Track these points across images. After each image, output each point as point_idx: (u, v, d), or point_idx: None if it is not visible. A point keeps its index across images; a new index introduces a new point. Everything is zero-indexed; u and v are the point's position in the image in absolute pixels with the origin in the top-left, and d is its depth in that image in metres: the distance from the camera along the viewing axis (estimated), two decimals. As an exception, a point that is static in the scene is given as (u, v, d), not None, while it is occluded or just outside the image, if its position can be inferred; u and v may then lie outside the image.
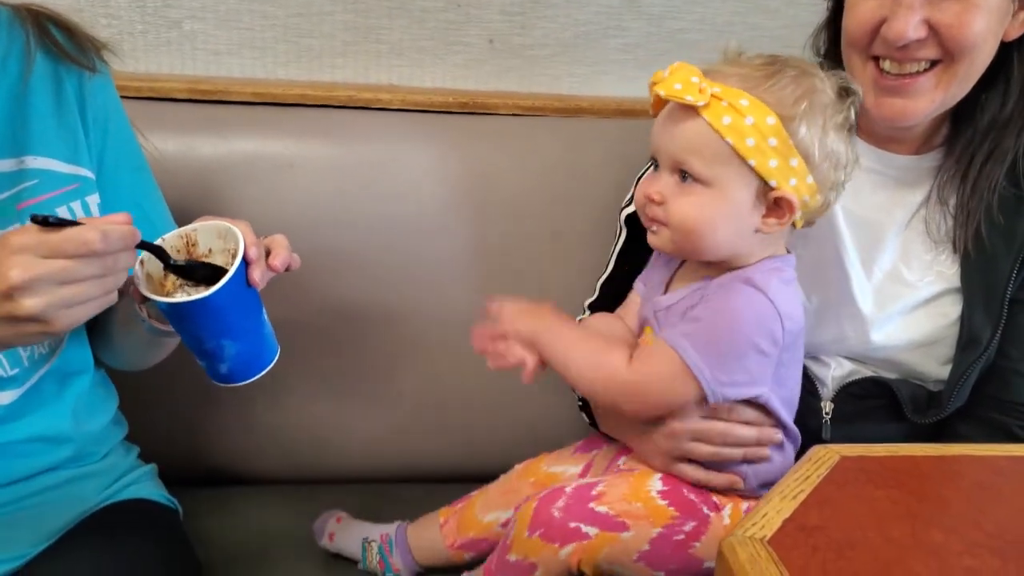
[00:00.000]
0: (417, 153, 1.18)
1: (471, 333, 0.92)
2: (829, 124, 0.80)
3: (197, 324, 0.73)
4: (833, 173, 0.82)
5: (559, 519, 0.83)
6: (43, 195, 0.82)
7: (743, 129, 0.78)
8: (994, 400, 0.93)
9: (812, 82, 0.80)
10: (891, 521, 0.53)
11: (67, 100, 0.85)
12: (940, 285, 0.94)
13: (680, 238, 0.83)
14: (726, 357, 0.81)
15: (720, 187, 0.80)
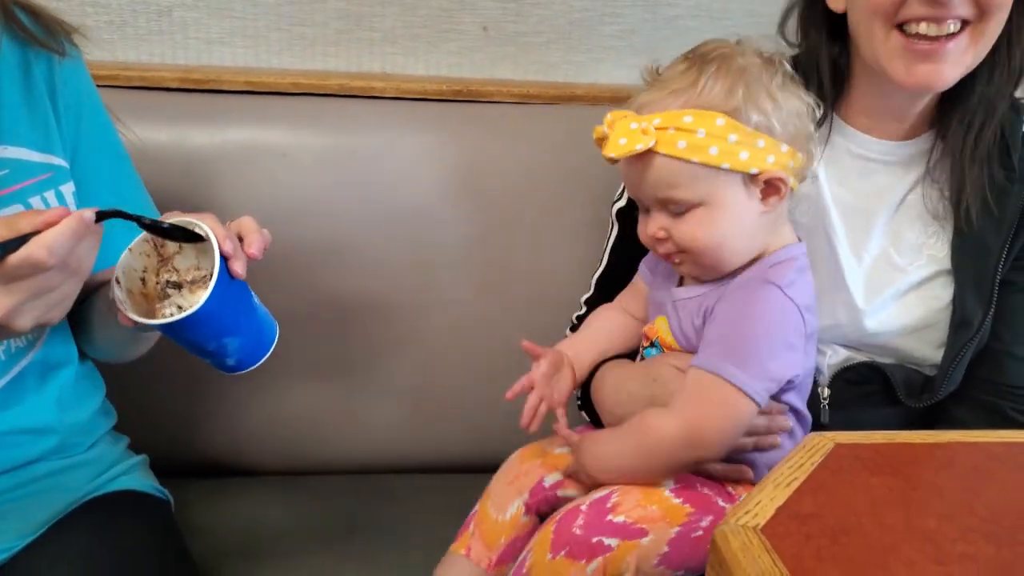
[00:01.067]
0: (411, 142, 1.17)
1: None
2: (773, 91, 0.81)
3: (194, 333, 0.72)
4: (801, 127, 0.82)
5: (582, 536, 0.82)
6: (14, 185, 0.80)
7: (700, 143, 0.78)
8: (988, 383, 0.93)
9: (735, 64, 0.80)
10: (885, 508, 0.53)
11: (37, 87, 0.83)
12: (931, 268, 0.94)
13: (702, 259, 0.84)
14: (764, 361, 0.80)
15: (712, 200, 0.81)
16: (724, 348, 0.80)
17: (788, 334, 0.81)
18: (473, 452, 1.21)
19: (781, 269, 0.83)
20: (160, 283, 0.75)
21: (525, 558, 0.85)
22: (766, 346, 0.81)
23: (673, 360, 0.88)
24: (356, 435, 1.23)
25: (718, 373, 0.79)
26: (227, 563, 1.02)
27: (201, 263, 0.75)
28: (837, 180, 0.95)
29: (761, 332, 0.81)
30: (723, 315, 0.82)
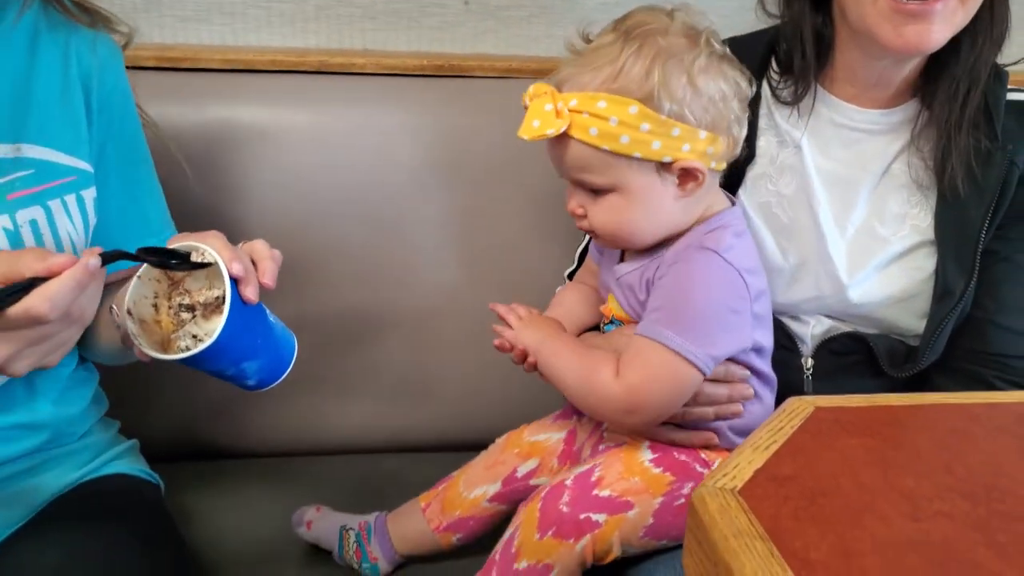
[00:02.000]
0: (392, 118, 1.17)
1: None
2: (693, 73, 0.78)
3: (213, 363, 0.71)
4: (724, 112, 0.81)
5: (569, 513, 0.83)
6: (37, 187, 0.79)
7: (612, 131, 0.77)
8: (971, 352, 0.93)
9: (656, 43, 0.78)
10: (864, 468, 0.53)
11: (73, 87, 0.82)
12: (914, 238, 0.94)
13: (613, 241, 0.86)
14: (706, 327, 0.80)
15: (624, 187, 0.81)
16: (666, 315, 0.80)
17: (730, 299, 0.81)
18: (460, 430, 1.21)
19: (717, 235, 0.83)
20: (173, 307, 0.72)
21: (512, 536, 0.85)
22: (709, 312, 0.81)
23: (630, 331, 0.88)
24: (345, 417, 1.23)
25: (660, 341, 0.79)
26: (217, 546, 1.02)
27: (213, 284, 0.72)
28: (820, 151, 0.95)
29: (702, 298, 0.81)
30: (664, 284, 0.82)
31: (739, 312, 0.82)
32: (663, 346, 0.79)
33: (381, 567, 0.99)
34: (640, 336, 0.81)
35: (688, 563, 0.50)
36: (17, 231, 0.76)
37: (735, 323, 0.82)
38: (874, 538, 0.46)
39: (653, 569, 0.85)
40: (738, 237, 0.84)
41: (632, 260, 0.89)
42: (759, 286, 0.84)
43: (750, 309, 0.82)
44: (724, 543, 0.46)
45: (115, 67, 0.86)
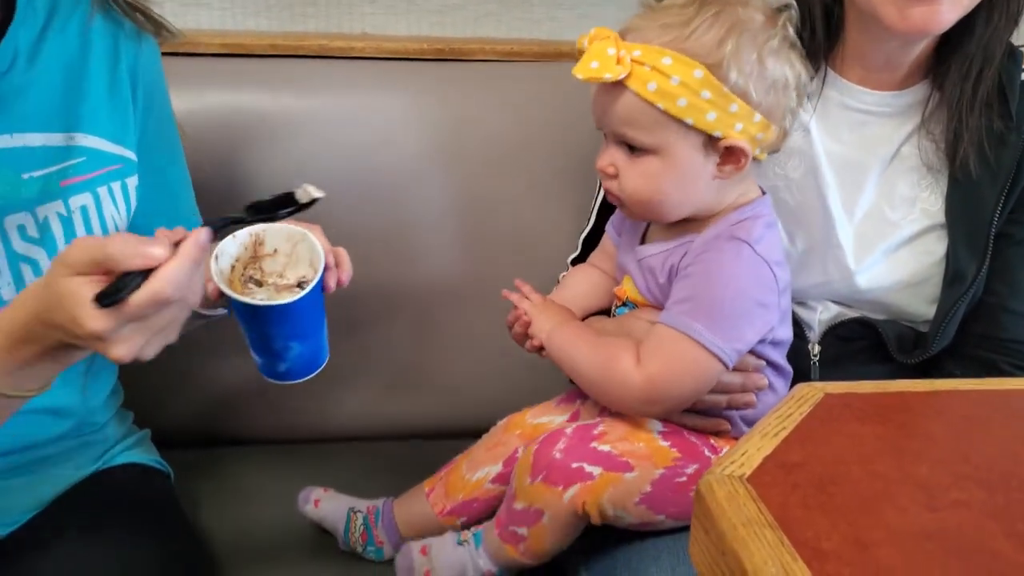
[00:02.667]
0: (392, 103, 1.16)
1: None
2: (764, 53, 0.77)
3: (273, 325, 0.73)
4: (781, 100, 0.79)
5: (560, 460, 0.82)
6: (87, 174, 0.81)
7: (671, 90, 0.75)
8: (981, 337, 0.92)
9: (735, 13, 0.76)
10: (876, 456, 0.52)
11: (121, 77, 0.85)
12: (924, 222, 0.92)
13: (640, 209, 0.83)
14: (735, 321, 0.79)
15: (666, 151, 0.78)
16: (694, 307, 0.78)
17: (760, 293, 0.80)
18: (462, 416, 1.20)
19: (749, 225, 0.81)
20: (244, 276, 0.76)
21: (513, 477, 0.86)
22: (738, 306, 0.79)
23: (646, 315, 0.87)
24: (345, 402, 1.22)
25: (687, 333, 0.78)
26: (224, 533, 1.02)
27: (286, 273, 0.76)
28: (829, 134, 0.93)
29: (732, 292, 0.79)
30: (692, 273, 0.80)
31: (767, 306, 0.81)
32: (690, 338, 0.77)
33: (386, 551, 0.99)
34: (665, 326, 0.79)
35: (695, 552, 0.48)
36: (70, 216, 0.80)
37: (762, 316, 0.81)
38: (889, 527, 0.45)
39: (657, 557, 0.83)
40: (768, 228, 0.82)
41: (656, 242, 0.86)
42: (786, 279, 0.82)
43: (778, 303, 0.81)
44: (732, 532, 0.44)
45: (156, 61, 0.89)
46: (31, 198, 0.78)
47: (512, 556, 0.87)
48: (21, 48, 0.77)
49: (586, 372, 0.83)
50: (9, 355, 0.65)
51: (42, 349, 0.65)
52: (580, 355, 0.84)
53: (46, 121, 0.79)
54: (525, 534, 0.85)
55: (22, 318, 0.64)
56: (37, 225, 0.78)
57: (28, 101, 0.78)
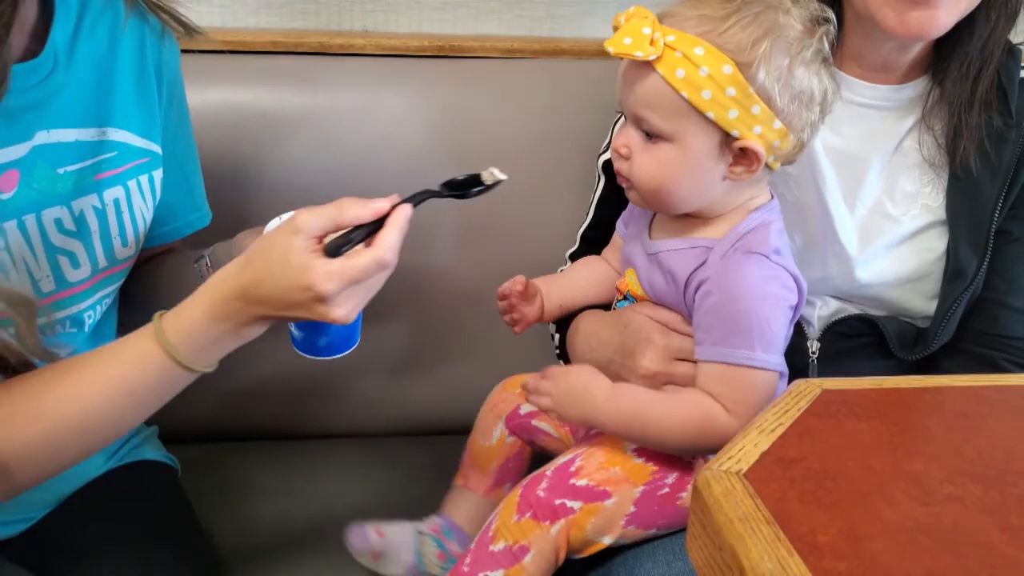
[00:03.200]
0: (393, 100, 1.16)
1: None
2: (796, 62, 0.76)
3: None
4: (804, 113, 0.78)
5: (545, 498, 0.82)
6: (118, 168, 0.84)
7: (698, 81, 0.75)
8: (981, 334, 0.92)
9: (775, 17, 0.76)
10: (872, 452, 0.52)
11: (148, 73, 0.87)
12: (925, 218, 0.92)
13: (647, 196, 0.82)
14: (778, 332, 0.79)
15: (681, 141, 0.78)
16: (743, 337, 0.78)
17: (789, 299, 0.80)
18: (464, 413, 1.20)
19: (762, 235, 0.81)
20: None
21: (492, 520, 0.85)
22: (776, 319, 0.79)
23: (646, 310, 0.87)
24: (348, 398, 1.23)
25: (752, 365, 0.77)
26: (228, 529, 1.03)
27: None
28: (829, 127, 0.93)
29: (768, 309, 0.78)
30: (719, 300, 0.79)
31: (794, 306, 0.81)
32: (755, 369, 0.78)
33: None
34: (729, 366, 0.78)
35: (692, 547, 0.49)
36: (104, 209, 0.83)
37: (791, 318, 0.82)
38: (884, 522, 0.45)
39: (652, 553, 0.84)
40: (780, 235, 0.82)
41: (664, 239, 0.86)
42: (803, 281, 0.82)
43: (800, 304, 0.82)
44: (729, 527, 0.45)
45: (177, 55, 0.92)
46: (66, 192, 0.80)
47: None
48: (60, 49, 0.79)
49: (675, 436, 0.80)
50: (206, 331, 0.69)
51: (235, 326, 0.69)
52: (662, 423, 0.80)
53: (79, 117, 0.81)
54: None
55: (225, 296, 0.69)
56: (73, 219, 0.81)
57: (64, 99, 0.79)
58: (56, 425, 0.69)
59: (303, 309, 0.68)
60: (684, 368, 0.83)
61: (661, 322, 0.85)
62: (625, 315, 0.89)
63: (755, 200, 0.84)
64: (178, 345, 0.69)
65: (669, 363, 0.84)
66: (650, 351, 0.84)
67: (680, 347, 0.84)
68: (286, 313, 0.69)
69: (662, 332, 0.85)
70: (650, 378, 0.84)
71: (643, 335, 0.85)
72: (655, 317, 0.86)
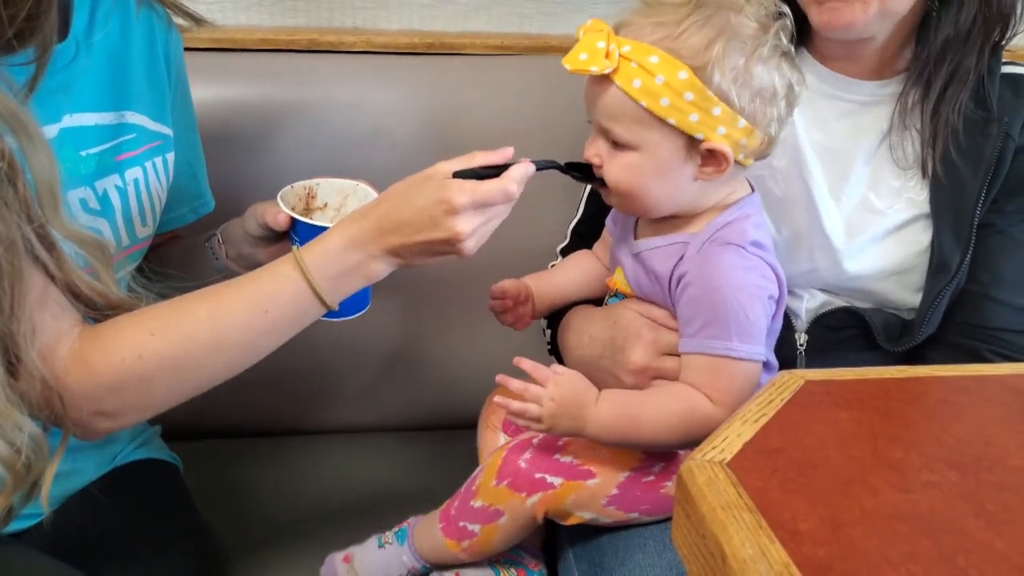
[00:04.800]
0: (384, 96, 1.16)
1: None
2: (752, 60, 0.76)
3: None
4: (767, 109, 0.78)
5: (525, 469, 0.83)
6: (136, 150, 0.87)
7: (655, 90, 0.75)
8: (966, 326, 0.93)
9: (727, 18, 0.76)
10: (853, 441, 0.53)
11: (157, 60, 0.91)
12: (910, 212, 0.93)
13: (622, 201, 0.83)
14: (756, 322, 0.80)
15: (647, 149, 0.79)
16: (719, 328, 0.78)
17: (767, 288, 0.81)
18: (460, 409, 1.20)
19: (739, 228, 0.81)
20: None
21: (476, 474, 0.87)
22: (754, 309, 0.80)
23: (636, 306, 0.88)
24: (344, 394, 1.24)
25: (729, 355, 0.78)
26: (227, 525, 1.04)
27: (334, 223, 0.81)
28: (813, 122, 0.94)
29: (744, 298, 0.79)
30: (697, 292, 0.80)
31: (774, 297, 0.82)
32: (734, 359, 0.78)
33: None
34: (707, 356, 0.79)
35: (677, 536, 0.50)
36: (126, 188, 0.86)
37: (770, 306, 0.82)
38: (863, 509, 0.46)
39: (643, 544, 0.85)
40: (758, 228, 0.83)
41: (648, 237, 0.87)
42: (781, 271, 0.83)
43: (779, 291, 0.83)
44: (712, 515, 0.46)
45: (181, 45, 0.96)
46: (89, 173, 0.83)
47: (451, 551, 0.87)
48: (80, 36, 0.82)
49: (665, 432, 0.80)
50: (339, 257, 0.74)
51: (366, 257, 0.75)
52: (652, 421, 0.80)
53: (98, 102, 0.83)
54: (476, 531, 0.85)
55: (361, 226, 0.75)
56: (97, 198, 0.83)
57: (83, 84, 0.82)
58: (197, 339, 0.73)
59: (435, 228, 0.73)
60: (672, 363, 0.84)
61: (650, 318, 0.86)
62: (615, 311, 0.89)
63: (733, 195, 0.85)
64: (312, 268, 0.73)
65: (658, 358, 0.85)
66: (639, 346, 0.85)
67: (669, 342, 0.85)
68: (417, 237, 0.74)
69: (651, 328, 0.86)
70: (639, 372, 0.85)
71: (632, 330, 0.86)
72: (644, 313, 0.87)
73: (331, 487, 1.13)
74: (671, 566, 0.83)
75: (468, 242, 0.75)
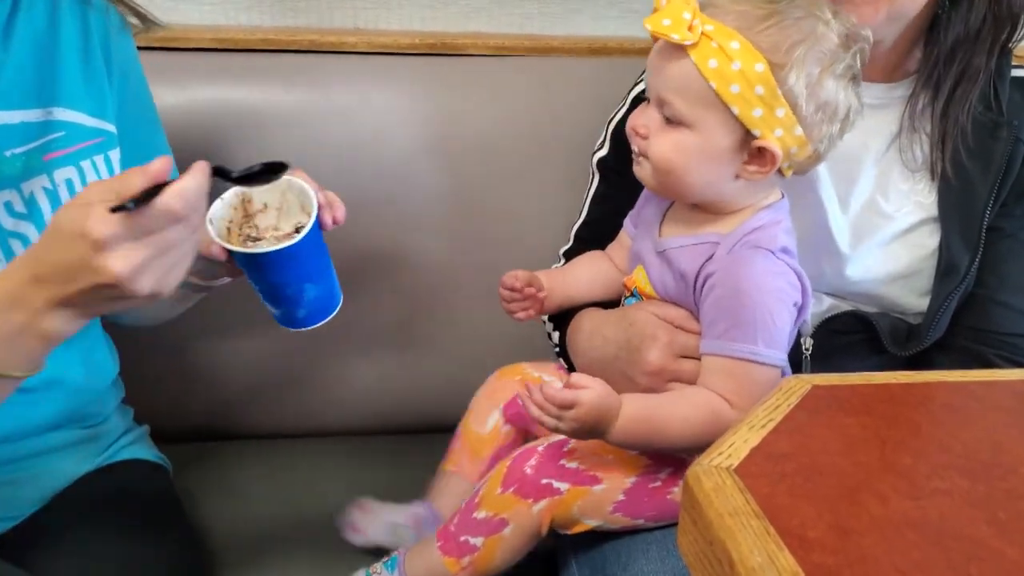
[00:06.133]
0: (385, 97, 1.16)
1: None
2: (827, 73, 0.76)
3: (283, 271, 0.74)
4: (826, 126, 0.78)
5: (531, 475, 0.83)
6: (69, 148, 0.82)
7: (729, 74, 0.75)
8: (973, 330, 0.92)
9: (814, 26, 0.76)
10: (860, 446, 0.52)
11: (94, 51, 0.85)
12: (918, 215, 0.92)
13: (660, 176, 0.82)
14: (782, 328, 0.79)
15: (701, 130, 0.78)
16: (745, 330, 0.78)
17: (793, 296, 0.80)
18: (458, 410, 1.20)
19: (771, 233, 0.81)
20: (242, 236, 0.77)
21: (479, 488, 0.86)
22: (780, 315, 0.79)
23: (652, 307, 0.87)
24: (341, 396, 1.23)
25: (753, 359, 0.78)
26: (218, 527, 1.03)
27: (280, 224, 0.78)
28: None
29: (771, 303, 0.79)
30: (724, 293, 0.79)
31: (799, 306, 0.82)
32: (758, 364, 0.78)
33: None
34: (730, 359, 0.79)
35: (683, 542, 0.49)
36: (56, 190, 0.81)
37: (796, 317, 0.82)
38: (871, 516, 0.46)
39: (646, 549, 0.84)
40: (788, 235, 0.83)
41: (675, 235, 0.86)
42: (808, 283, 0.83)
43: (805, 305, 0.83)
44: (719, 521, 0.45)
45: (126, 34, 0.90)
46: (15, 175, 0.78)
47: (449, 572, 0.86)
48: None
49: (689, 437, 0.79)
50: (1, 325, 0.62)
51: (29, 316, 0.62)
52: (675, 426, 0.79)
53: (22, 98, 0.79)
54: (478, 544, 0.84)
55: (15, 281, 0.62)
56: (24, 201, 0.79)
57: (4, 79, 0.78)
58: None
59: (83, 269, 0.59)
60: (689, 365, 0.84)
61: (667, 319, 0.85)
62: (630, 312, 0.89)
63: (766, 199, 0.84)
64: None
65: (674, 360, 0.84)
66: (655, 347, 0.84)
67: (685, 344, 0.84)
68: (71, 286, 0.60)
69: (667, 329, 0.85)
70: (655, 374, 0.84)
71: (648, 331, 0.85)
72: (661, 314, 0.86)
73: (324, 490, 1.11)
74: (675, 572, 0.82)
75: (138, 282, 0.60)
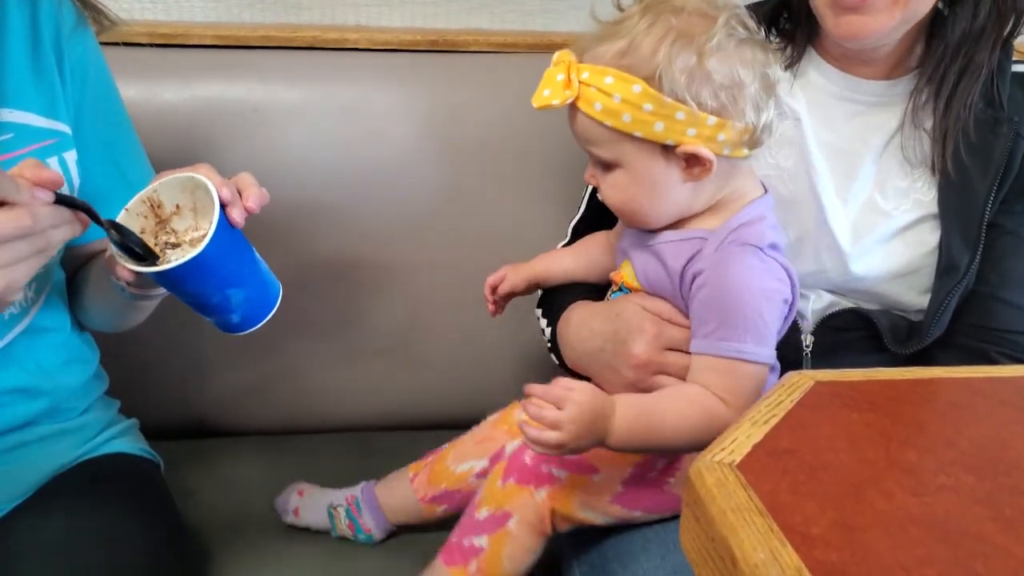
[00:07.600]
0: (386, 94, 1.15)
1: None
2: (704, 56, 0.74)
3: (198, 282, 0.70)
4: (737, 98, 0.76)
5: (531, 465, 0.84)
6: (19, 150, 0.80)
7: (614, 108, 0.75)
8: (974, 327, 0.92)
9: (667, 22, 0.75)
10: (865, 443, 0.52)
11: (44, 51, 0.83)
12: (917, 212, 0.92)
13: (623, 217, 0.85)
14: (770, 326, 0.79)
15: (627, 164, 0.79)
16: (734, 330, 0.78)
17: (782, 292, 0.80)
18: (451, 408, 1.20)
19: (757, 230, 0.80)
20: (159, 245, 0.73)
21: (477, 493, 0.87)
22: (769, 312, 0.79)
23: (638, 300, 0.87)
24: (337, 393, 1.23)
25: (742, 358, 0.77)
26: (214, 524, 1.03)
27: (199, 224, 0.73)
28: (822, 122, 0.93)
29: (759, 301, 0.78)
30: (712, 292, 0.79)
31: (788, 302, 0.82)
32: (747, 362, 0.78)
33: (375, 536, 1.00)
34: (721, 358, 0.78)
35: (685, 539, 0.49)
36: None
37: (783, 309, 0.82)
38: (876, 512, 0.45)
39: (646, 547, 0.84)
40: (774, 229, 0.82)
41: (663, 230, 0.86)
42: (795, 274, 0.82)
43: (794, 299, 0.83)
44: (722, 518, 0.44)
45: (84, 30, 0.86)
46: None
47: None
48: None
49: (685, 437, 0.78)
50: None
51: None
52: (670, 425, 0.78)
53: None
54: (483, 545, 0.84)
55: None
56: None
57: None
58: None
59: None
60: (675, 358, 0.83)
61: (654, 312, 0.85)
62: (617, 305, 0.88)
63: (748, 193, 0.84)
64: None
65: (660, 352, 0.84)
66: (642, 339, 0.84)
67: (672, 337, 0.84)
68: None
69: (654, 321, 0.85)
70: (641, 367, 0.84)
71: (635, 324, 0.85)
72: (648, 307, 0.86)
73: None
74: (675, 569, 0.82)
75: None
